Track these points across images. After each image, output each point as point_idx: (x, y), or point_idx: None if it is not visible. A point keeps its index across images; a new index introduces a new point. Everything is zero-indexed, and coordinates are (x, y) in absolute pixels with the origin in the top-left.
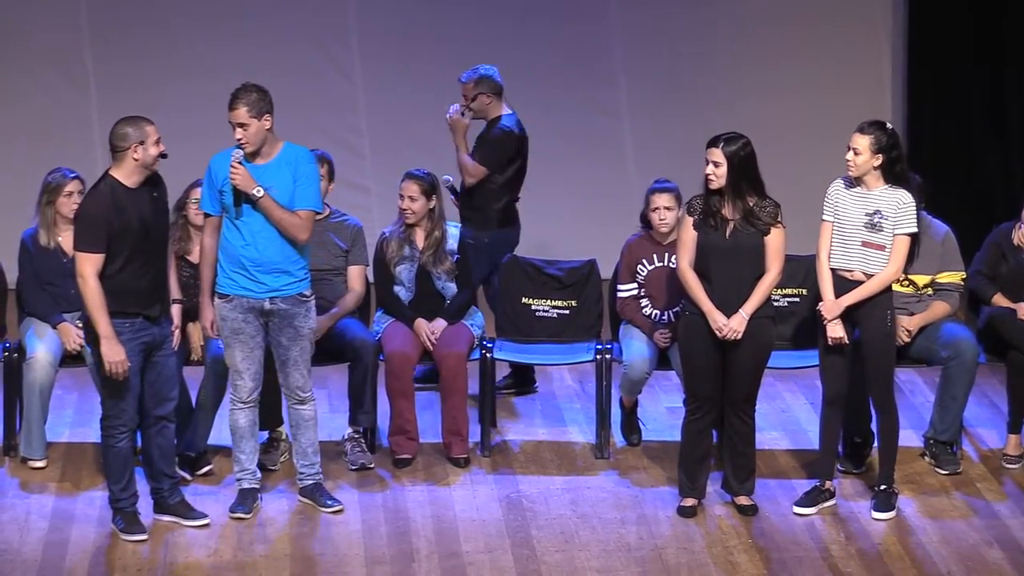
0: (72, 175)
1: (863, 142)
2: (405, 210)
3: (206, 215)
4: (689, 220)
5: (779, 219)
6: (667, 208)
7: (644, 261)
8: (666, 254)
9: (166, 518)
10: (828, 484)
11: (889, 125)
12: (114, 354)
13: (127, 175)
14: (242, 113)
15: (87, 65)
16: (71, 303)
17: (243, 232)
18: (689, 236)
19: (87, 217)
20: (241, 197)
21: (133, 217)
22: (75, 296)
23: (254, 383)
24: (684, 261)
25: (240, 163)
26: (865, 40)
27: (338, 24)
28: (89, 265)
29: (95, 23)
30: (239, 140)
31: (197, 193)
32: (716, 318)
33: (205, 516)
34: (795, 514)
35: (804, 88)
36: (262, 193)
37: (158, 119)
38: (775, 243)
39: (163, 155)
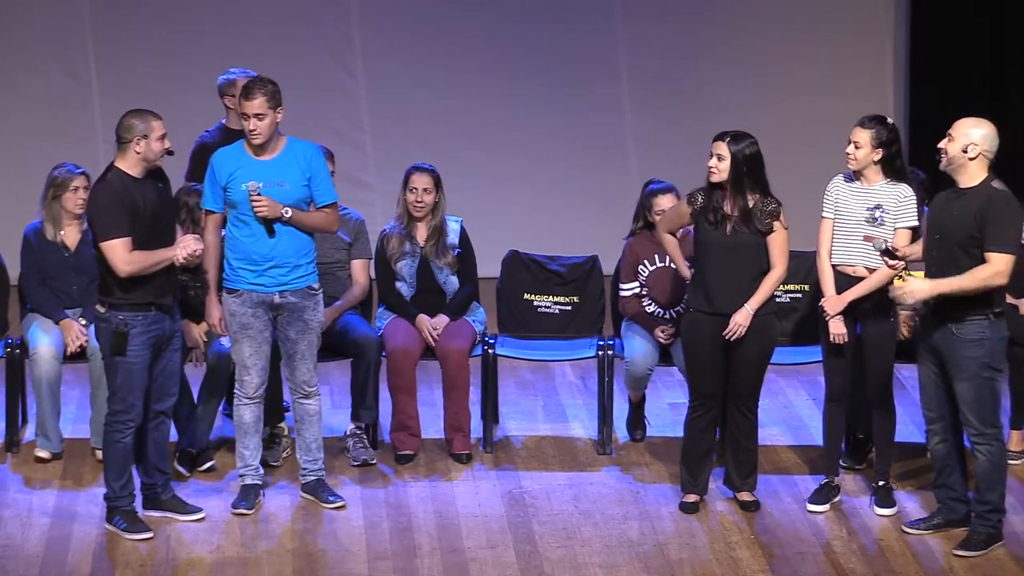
0: (79, 171)
1: (864, 136)
2: (418, 203)
3: (208, 212)
4: (687, 208)
5: (780, 218)
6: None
7: (646, 261)
8: (668, 255)
9: (157, 514)
10: (836, 480)
11: (890, 120)
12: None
13: (131, 166)
14: (261, 103)
15: (90, 62)
16: (72, 299)
17: (253, 227)
18: (676, 215)
19: (101, 207)
20: (271, 222)
21: (141, 205)
22: (76, 292)
23: (260, 379)
24: (662, 229)
25: (259, 194)
26: (867, 40)
27: (341, 20)
28: (120, 251)
29: (98, 20)
30: (252, 131)
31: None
32: (682, 268)
33: (200, 510)
34: (809, 512)
35: (806, 88)
36: (290, 213)
37: (161, 115)
38: (778, 241)
39: (169, 152)
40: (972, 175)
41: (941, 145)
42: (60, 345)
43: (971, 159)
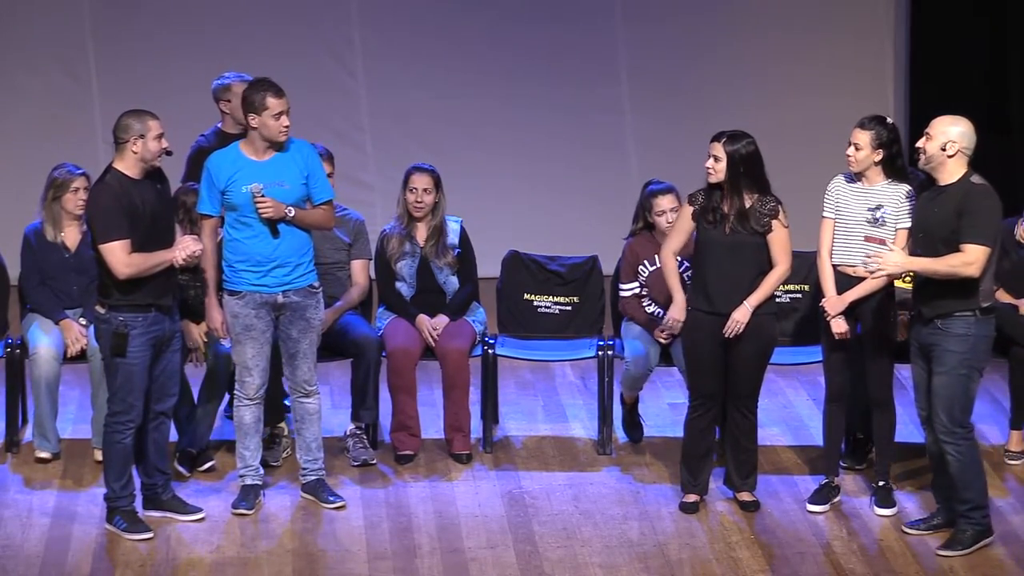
0: (79, 171)
1: (864, 137)
2: (418, 203)
3: (204, 216)
4: (688, 210)
5: (779, 217)
6: (672, 210)
7: (646, 261)
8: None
9: (157, 514)
10: (836, 480)
11: (889, 120)
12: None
13: (129, 167)
14: (287, 99)
15: (90, 62)
16: (72, 299)
17: (256, 228)
18: (683, 224)
19: (101, 209)
20: (275, 222)
21: (140, 206)
22: (76, 292)
23: (261, 380)
24: (669, 247)
25: (262, 195)
26: (867, 40)
27: (341, 20)
28: (119, 253)
29: (98, 20)
30: (287, 127)
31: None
32: (676, 309)
33: (199, 510)
34: (809, 512)
35: (806, 88)
36: (293, 212)
37: (161, 116)
38: (779, 240)
39: (168, 152)
40: (951, 172)
41: (919, 144)
42: (60, 345)
43: (949, 156)
